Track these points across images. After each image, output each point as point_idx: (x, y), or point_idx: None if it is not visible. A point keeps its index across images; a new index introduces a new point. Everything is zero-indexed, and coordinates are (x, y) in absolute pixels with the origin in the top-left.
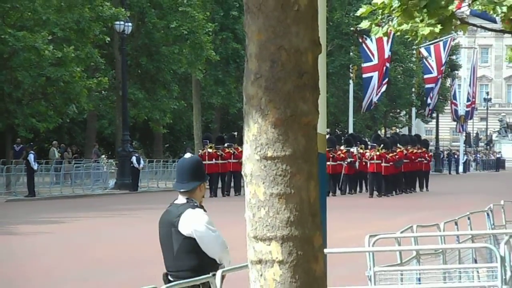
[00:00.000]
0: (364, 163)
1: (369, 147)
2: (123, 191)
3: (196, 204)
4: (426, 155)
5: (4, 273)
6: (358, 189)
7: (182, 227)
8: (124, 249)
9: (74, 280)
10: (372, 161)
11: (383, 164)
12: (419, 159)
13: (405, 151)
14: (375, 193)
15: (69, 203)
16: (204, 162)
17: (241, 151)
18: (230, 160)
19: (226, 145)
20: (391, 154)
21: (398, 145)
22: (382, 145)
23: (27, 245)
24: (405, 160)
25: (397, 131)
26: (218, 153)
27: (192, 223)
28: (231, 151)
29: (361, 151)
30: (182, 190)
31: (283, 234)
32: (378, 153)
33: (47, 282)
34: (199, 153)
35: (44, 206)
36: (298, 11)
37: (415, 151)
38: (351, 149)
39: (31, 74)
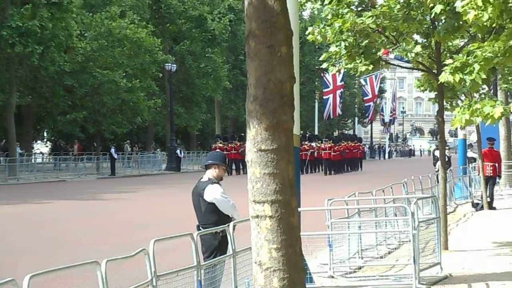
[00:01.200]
0: (320, 153)
1: (323, 142)
2: (171, 171)
3: (214, 181)
4: (360, 147)
5: (96, 225)
6: (317, 170)
7: (206, 196)
8: (172, 207)
9: (141, 227)
10: (325, 151)
11: (332, 153)
12: (355, 150)
13: (347, 145)
14: (328, 173)
15: (136, 180)
16: None
17: (239, 146)
18: (232, 152)
19: (230, 142)
20: (337, 147)
21: (343, 141)
22: (331, 141)
23: (110, 207)
24: (347, 151)
25: (344, 132)
26: (224, 147)
27: (212, 193)
28: (233, 145)
29: (319, 145)
30: (203, 165)
31: (272, 199)
32: (329, 145)
33: (126, 229)
34: (213, 146)
35: (121, 182)
36: (281, 57)
37: (353, 144)
38: (312, 144)
39: (112, 97)
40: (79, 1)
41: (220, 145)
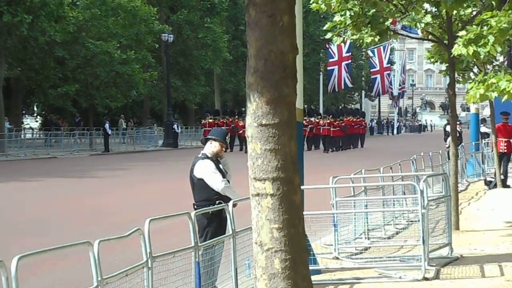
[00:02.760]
0: (319, 128)
1: (322, 117)
2: (168, 148)
3: (206, 156)
4: (363, 123)
5: (89, 204)
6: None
7: (196, 172)
8: (168, 185)
9: (135, 206)
10: (324, 127)
11: (332, 129)
12: (357, 125)
13: (349, 120)
14: (329, 150)
15: (131, 156)
16: (204, 129)
17: (231, 121)
18: (223, 127)
19: (222, 117)
20: (337, 122)
21: (345, 115)
22: (331, 116)
23: (104, 184)
24: (348, 126)
25: (347, 106)
26: (215, 122)
27: (201, 169)
28: (224, 121)
29: (317, 120)
30: (202, 140)
31: (273, 176)
32: (328, 121)
33: (120, 208)
34: (202, 122)
35: (115, 158)
36: (282, 26)
37: (355, 120)
38: (311, 119)
39: (105, 69)
40: None
41: (210, 120)
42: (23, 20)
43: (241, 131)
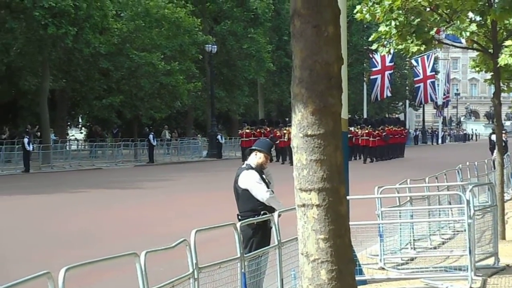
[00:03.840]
0: (358, 139)
1: (360, 127)
2: (212, 158)
3: (251, 167)
4: (404, 132)
5: (134, 215)
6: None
7: (240, 183)
8: (213, 195)
9: (180, 217)
10: (362, 138)
11: (371, 139)
12: (398, 135)
13: (390, 129)
14: (369, 160)
15: (176, 167)
16: (242, 139)
17: (269, 131)
18: (260, 138)
19: (258, 127)
20: (377, 131)
21: (386, 125)
22: (370, 125)
23: (149, 195)
24: (390, 136)
25: (395, 116)
26: (252, 132)
27: (246, 180)
28: (262, 131)
29: (356, 130)
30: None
31: (319, 187)
32: (366, 131)
33: (165, 219)
34: (239, 132)
35: (159, 169)
36: (327, 36)
37: (396, 129)
38: (351, 128)
39: (150, 80)
40: None
41: (248, 131)
42: (67, 32)
43: (278, 142)
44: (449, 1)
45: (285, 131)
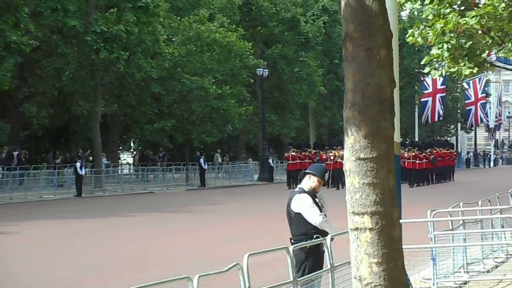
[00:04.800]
0: (404, 161)
1: (406, 149)
2: (263, 182)
3: (304, 190)
4: (452, 155)
5: (186, 239)
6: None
7: (293, 206)
8: (264, 219)
9: (232, 241)
10: (409, 160)
11: (417, 162)
12: (448, 157)
13: (439, 152)
14: (414, 184)
15: (227, 191)
16: (288, 162)
17: (314, 154)
18: (305, 161)
19: (303, 150)
20: (424, 154)
21: (435, 147)
22: (416, 148)
23: (201, 219)
24: (439, 158)
25: (446, 139)
26: (297, 155)
27: (298, 203)
28: (307, 154)
29: (402, 152)
30: (301, 175)
31: (372, 210)
32: (412, 154)
33: (217, 243)
34: (285, 155)
35: (211, 193)
36: (380, 60)
37: (445, 151)
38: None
39: (201, 104)
40: (166, 5)
41: (293, 153)
42: (119, 56)
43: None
44: (501, 24)
45: (330, 154)
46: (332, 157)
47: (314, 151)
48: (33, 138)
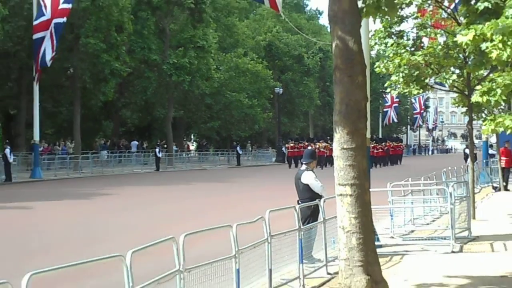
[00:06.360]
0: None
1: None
2: (278, 163)
3: (309, 169)
4: (401, 146)
5: (229, 198)
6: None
7: (303, 179)
8: (279, 186)
9: (259, 199)
10: (375, 150)
11: (375, 151)
12: (398, 148)
13: (391, 144)
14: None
15: (255, 169)
16: (288, 150)
17: (307, 145)
18: (301, 150)
19: (300, 142)
20: (380, 145)
21: (388, 141)
22: (374, 141)
23: (238, 186)
24: (391, 148)
25: (396, 135)
26: (295, 145)
27: (307, 178)
28: (302, 145)
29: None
30: (304, 162)
31: (351, 182)
32: (372, 145)
33: (249, 200)
34: (286, 145)
35: (244, 170)
36: (358, 83)
37: (396, 144)
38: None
39: (238, 112)
40: (215, 45)
41: (292, 144)
42: (184, 79)
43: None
44: (438, 60)
45: (318, 145)
46: (317, 147)
47: (306, 143)
48: (128, 132)
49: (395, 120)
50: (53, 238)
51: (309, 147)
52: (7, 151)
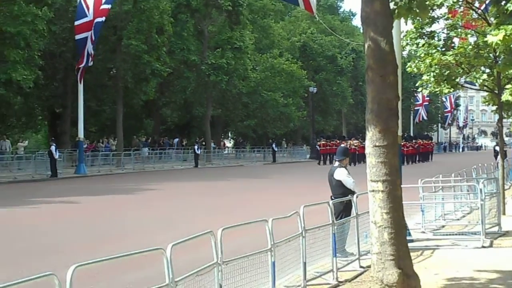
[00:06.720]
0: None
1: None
2: (313, 160)
3: (342, 166)
4: (431, 144)
5: (264, 194)
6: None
7: (335, 176)
8: (313, 182)
9: (294, 195)
10: (404, 148)
11: (405, 149)
12: (428, 146)
13: (421, 142)
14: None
15: (290, 165)
16: (320, 148)
17: (339, 143)
18: (332, 147)
19: (332, 139)
20: (410, 143)
21: (418, 139)
22: (404, 139)
23: (272, 182)
24: (421, 146)
25: (428, 133)
26: (327, 143)
27: (340, 174)
28: (334, 142)
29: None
30: (337, 159)
31: (383, 179)
32: (402, 143)
33: (283, 196)
34: (318, 143)
35: (279, 166)
36: (389, 82)
37: (426, 142)
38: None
39: (273, 110)
40: (252, 46)
41: (324, 142)
42: (222, 79)
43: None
44: (469, 59)
45: (349, 142)
46: (349, 145)
47: (338, 140)
48: (168, 130)
49: (425, 118)
50: (96, 231)
51: (342, 145)
52: (53, 148)
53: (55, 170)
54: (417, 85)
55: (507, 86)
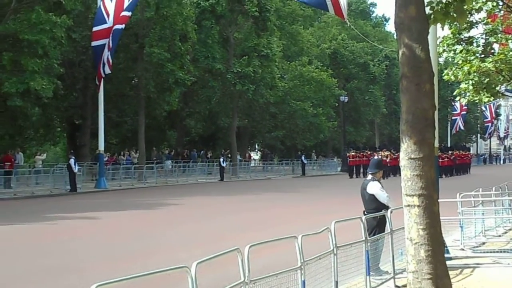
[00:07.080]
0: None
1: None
2: (344, 172)
3: (375, 179)
4: (469, 155)
5: (292, 210)
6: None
7: (368, 190)
8: (345, 197)
9: (324, 213)
10: (440, 159)
11: (440, 161)
12: (465, 157)
13: (458, 153)
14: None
15: (320, 178)
16: (349, 160)
17: (370, 154)
18: (363, 159)
19: (362, 151)
20: (445, 155)
21: (455, 150)
22: (439, 150)
23: (302, 197)
24: (458, 158)
25: (465, 144)
26: (357, 154)
27: (373, 188)
28: (364, 154)
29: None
30: (370, 172)
31: (419, 193)
32: (439, 154)
33: (313, 212)
34: (347, 154)
35: (309, 180)
36: (425, 91)
37: (463, 153)
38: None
39: (303, 120)
40: (279, 53)
41: (353, 153)
42: (249, 88)
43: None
44: (510, 66)
45: (381, 154)
46: (380, 156)
47: (369, 152)
48: (192, 142)
49: (462, 128)
50: (118, 249)
51: (375, 157)
52: (72, 161)
53: (74, 184)
54: (454, 93)
55: None
